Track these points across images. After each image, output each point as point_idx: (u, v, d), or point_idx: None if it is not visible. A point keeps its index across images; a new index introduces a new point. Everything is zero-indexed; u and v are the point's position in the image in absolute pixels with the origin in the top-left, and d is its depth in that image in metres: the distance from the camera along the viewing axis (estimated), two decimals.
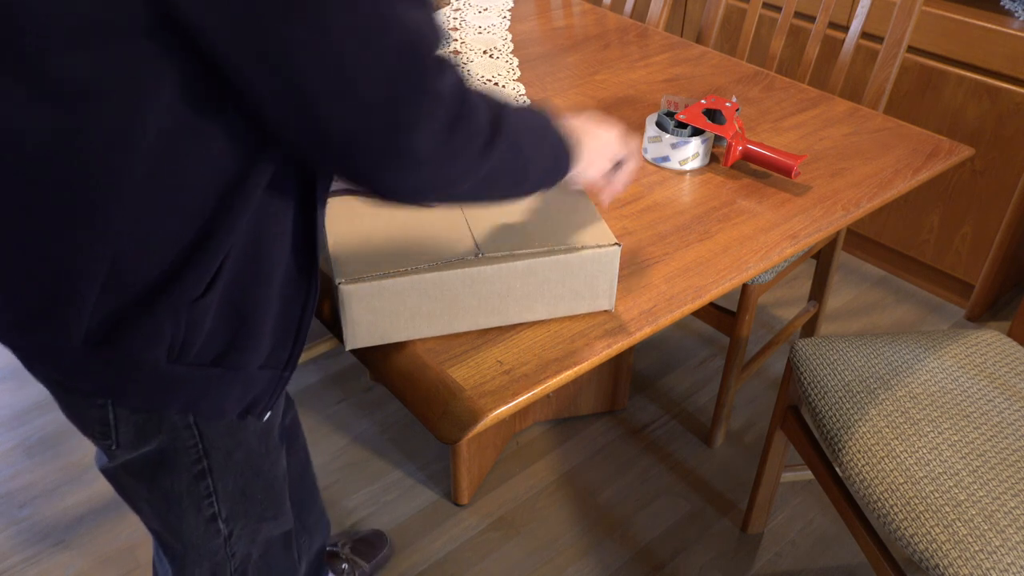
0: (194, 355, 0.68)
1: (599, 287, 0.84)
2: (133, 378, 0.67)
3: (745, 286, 1.52)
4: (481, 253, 0.80)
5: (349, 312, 0.77)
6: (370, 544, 1.46)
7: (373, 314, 0.78)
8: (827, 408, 1.18)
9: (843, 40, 1.96)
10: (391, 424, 1.76)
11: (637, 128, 1.27)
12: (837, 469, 1.17)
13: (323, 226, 0.74)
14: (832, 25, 2.07)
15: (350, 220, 0.85)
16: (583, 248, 0.81)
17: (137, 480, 0.79)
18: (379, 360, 0.84)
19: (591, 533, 1.54)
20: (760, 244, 1.01)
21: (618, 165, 0.85)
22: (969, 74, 1.87)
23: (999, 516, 1.01)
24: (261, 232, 0.67)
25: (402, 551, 1.50)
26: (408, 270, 0.77)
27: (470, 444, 1.53)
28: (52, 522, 1.55)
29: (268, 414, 0.78)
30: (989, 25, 1.80)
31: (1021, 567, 0.96)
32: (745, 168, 1.17)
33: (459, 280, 0.79)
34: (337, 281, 0.76)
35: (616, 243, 0.82)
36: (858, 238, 2.29)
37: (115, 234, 0.61)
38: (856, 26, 1.52)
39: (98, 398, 0.70)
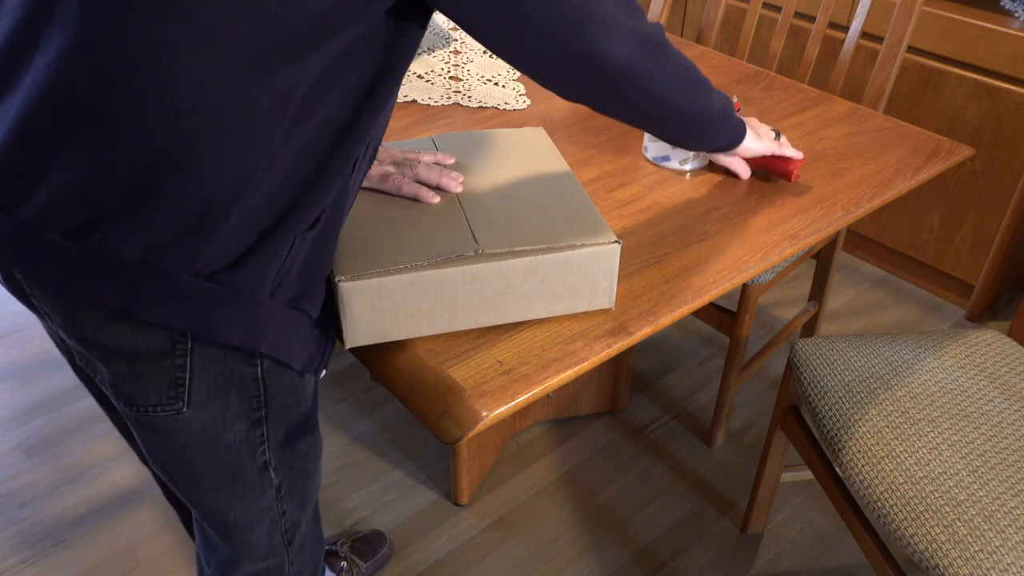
0: (281, 293, 0.72)
1: (599, 285, 0.85)
2: (238, 311, 0.70)
3: (745, 286, 1.52)
4: (481, 250, 0.80)
5: (349, 310, 0.77)
6: (369, 544, 1.46)
7: (373, 312, 0.78)
8: (827, 408, 1.18)
9: (843, 40, 1.96)
10: (391, 424, 1.76)
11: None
12: (837, 469, 1.17)
13: (352, 196, 0.77)
14: (832, 25, 2.08)
15: (349, 220, 0.85)
16: (583, 246, 0.81)
17: (200, 445, 0.81)
18: (379, 360, 0.84)
19: (591, 533, 1.54)
20: (760, 244, 1.01)
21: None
22: (969, 74, 1.87)
23: (999, 516, 1.01)
24: (343, 182, 0.72)
25: (402, 551, 1.50)
26: (408, 267, 0.77)
27: (470, 444, 1.53)
28: (52, 522, 1.55)
29: (323, 372, 0.82)
30: (989, 25, 1.80)
31: (1021, 567, 0.96)
32: None
33: (459, 277, 0.79)
34: (337, 279, 0.75)
35: (616, 240, 0.82)
36: (858, 238, 2.29)
37: (262, 160, 0.65)
38: (856, 26, 1.52)
39: (193, 335, 0.72)
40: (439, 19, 1.64)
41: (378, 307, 0.78)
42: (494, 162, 0.96)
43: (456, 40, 1.56)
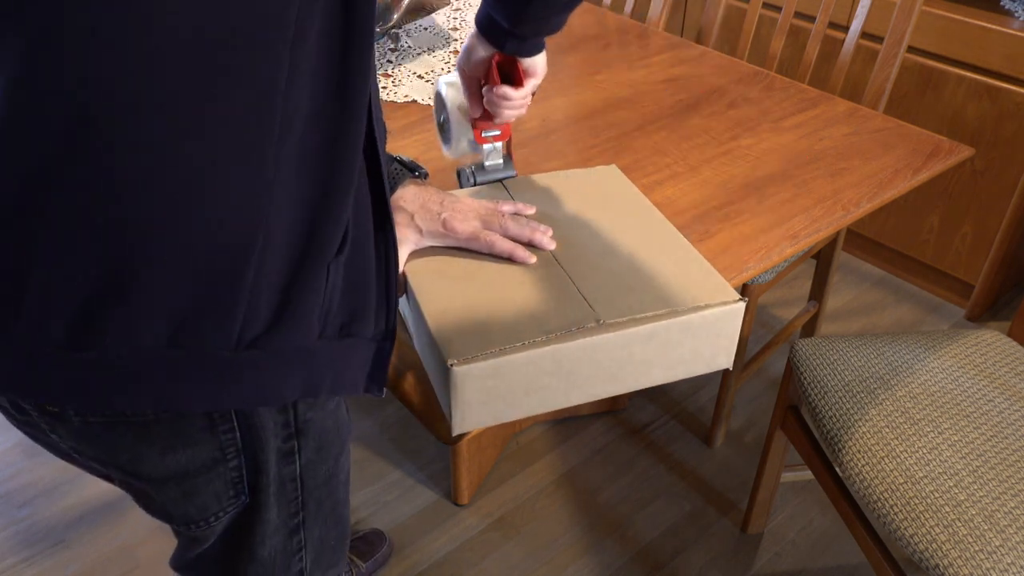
0: (330, 328, 0.63)
1: (720, 345, 0.78)
2: (290, 371, 0.61)
3: (745, 286, 1.52)
4: (602, 320, 0.72)
5: (461, 395, 0.69)
6: (369, 543, 1.46)
7: (486, 395, 0.70)
8: (827, 408, 1.18)
9: (843, 40, 1.96)
10: (391, 424, 1.76)
11: (638, 128, 1.27)
12: (837, 469, 1.17)
13: (388, 179, 0.68)
14: (832, 25, 2.07)
15: (442, 289, 0.77)
16: (707, 307, 0.75)
17: (237, 552, 0.74)
18: None
19: (591, 533, 1.54)
20: (760, 244, 1.01)
21: None
22: (969, 74, 1.87)
23: (999, 516, 1.01)
24: (359, 187, 0.63)
25: (402, 551, 1.50)
26: (525, 344, 0.70)
27: (470, 444, 1.53)
28: (52, 522, 1.55)
29: (384, 391, 0.74)
30: (989, 25, 1.80)
31: (1021, 567, 0.96)
32: (744, 169, 1.17)
33: (580, 350, 0.71)
34: (449, 362, 0.68)
35: (741, 299, 0.76)
36: (858, 238, 2.29)
37: (264, 179, 0.54)
38: (856, 26, 1.52)
39: (241, 437, 0.64)
40: (439, 19, 1.64)
41: (492, 389, 0.70)
42: (576, 209, 0.89)
43: (456, 40, 1.56)
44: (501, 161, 0.92)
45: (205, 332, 0.56)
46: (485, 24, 0.85)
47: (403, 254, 0.80)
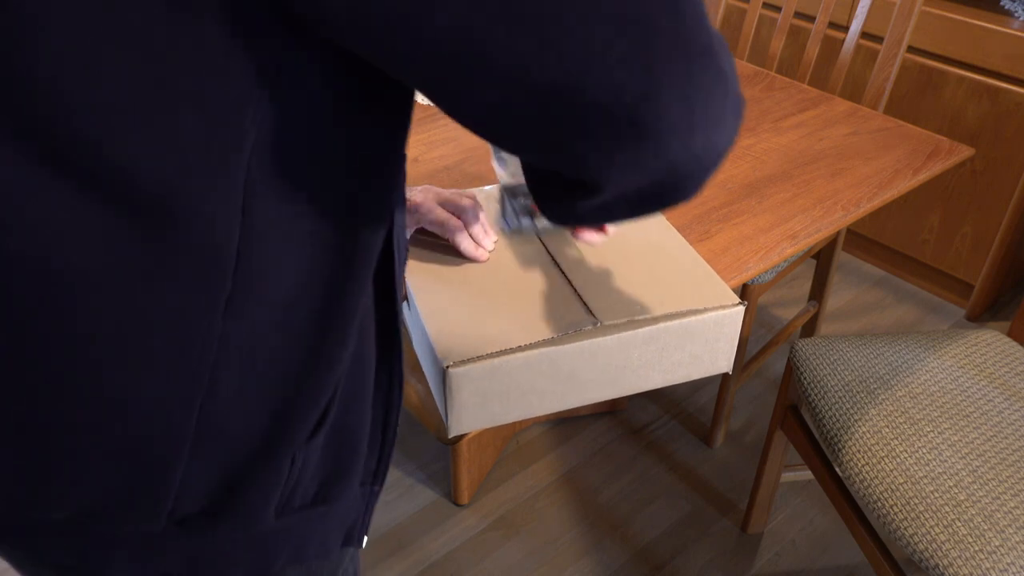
0: (298, 500, 0.56)
1: (719, 349, 0.77)
2: (234, 549, 0.55)
3: (745, 286, 1.52)
4: (600, 322, 0.72)
5: (457, 397, 0.69)
6: None
7: (483, 397, 0.70)
8: (827, 408, 1.18)
9: (843, 40, 1.96)
10: None
11: None
12: (837, 469, 1.17)
13: (402, 311, 0.62)
14: (832, 25, 2.08)
15: (440, 292, 0.76)
16: (706, 310, 0.74)
17: None
18: None
19: (591, 533, 1.54)
20: (760, 244, 1.01)
21: None
22: (969, 74, 1.87)
23: (999, 516, 1.01)
24: (361, 336, 0.54)
25: (402, 551, 1.51)
26: (523, 347, 0.69)
27: (470, 444, 1.53)
28: None
29: (365, 538, 0.67)
30: (989, 25, 1.80)
31: (1021, 567, 0.96)
32: (744, 169, 1.17)
33: (577, 354, 0.71)
34: (445, 364, 0.67)
35: (740, 303, 0.75)
36: (858, 238, 2.29)
37: (204, 374, 0.46)
38: (856, 26, 1.52)
39: None
40: None
41: (488, 391, 0.70)
42: None
43: None
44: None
45: (121, 513, 0.50)
46: None
47: None
